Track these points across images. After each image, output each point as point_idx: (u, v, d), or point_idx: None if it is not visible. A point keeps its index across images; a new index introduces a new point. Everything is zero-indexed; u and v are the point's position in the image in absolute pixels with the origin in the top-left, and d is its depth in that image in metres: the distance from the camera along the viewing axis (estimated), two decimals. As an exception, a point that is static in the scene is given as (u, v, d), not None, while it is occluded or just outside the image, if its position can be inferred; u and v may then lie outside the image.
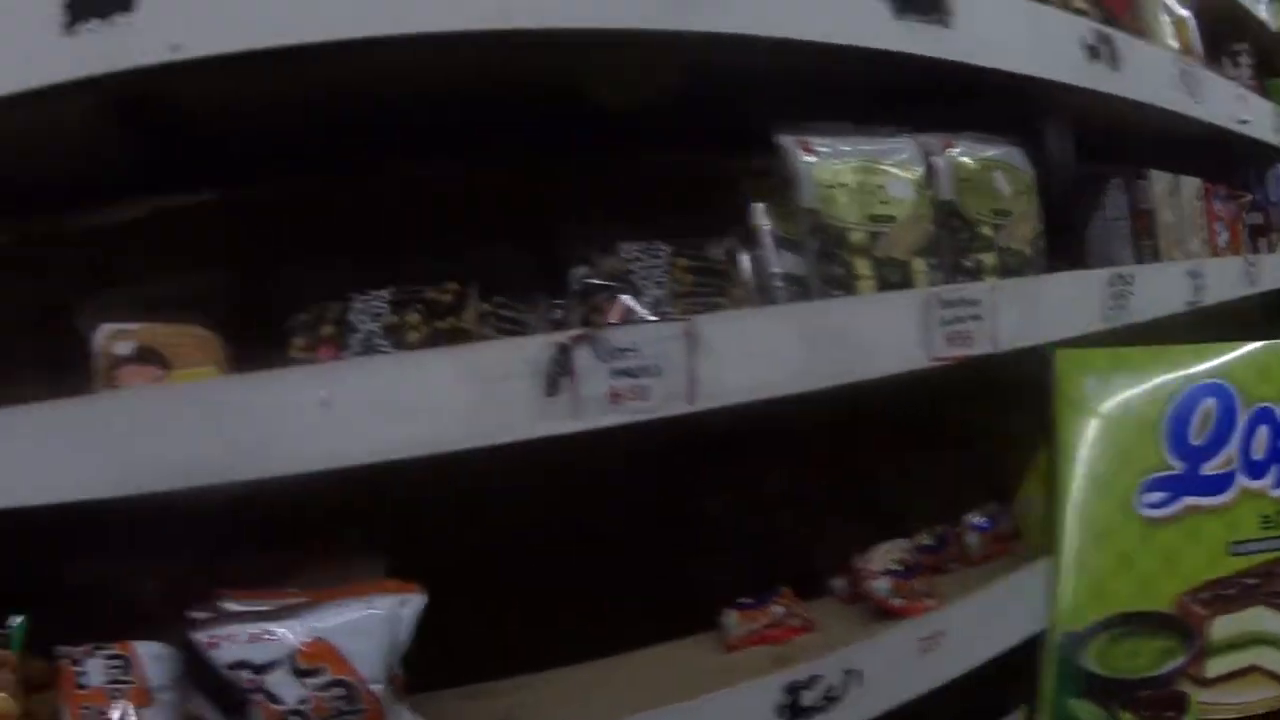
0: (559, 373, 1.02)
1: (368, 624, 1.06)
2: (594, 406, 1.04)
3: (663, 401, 1.08)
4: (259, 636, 1.04)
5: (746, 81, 1.27)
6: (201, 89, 1.11)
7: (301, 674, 1.04)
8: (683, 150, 1.48)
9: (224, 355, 1.11)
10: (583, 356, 1.03)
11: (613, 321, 1.17)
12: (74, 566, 1.29)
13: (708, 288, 1.28)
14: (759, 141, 1.37)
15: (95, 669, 1.14)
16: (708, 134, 1.48)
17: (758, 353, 1.17)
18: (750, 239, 1.38)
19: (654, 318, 1.19)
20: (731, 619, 1.42)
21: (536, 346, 1.03)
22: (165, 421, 0.96)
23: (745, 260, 1.36)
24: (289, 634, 1.05)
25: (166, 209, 1.43)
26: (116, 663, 1.15)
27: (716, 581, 1.48)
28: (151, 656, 1.15)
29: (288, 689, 1.04)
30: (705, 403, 1.11)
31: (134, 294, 1.17)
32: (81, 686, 1.14)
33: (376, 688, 1.06)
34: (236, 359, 1.11)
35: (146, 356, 1.08)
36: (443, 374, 1.00)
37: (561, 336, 1.04)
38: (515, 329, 1.20)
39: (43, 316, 1.30)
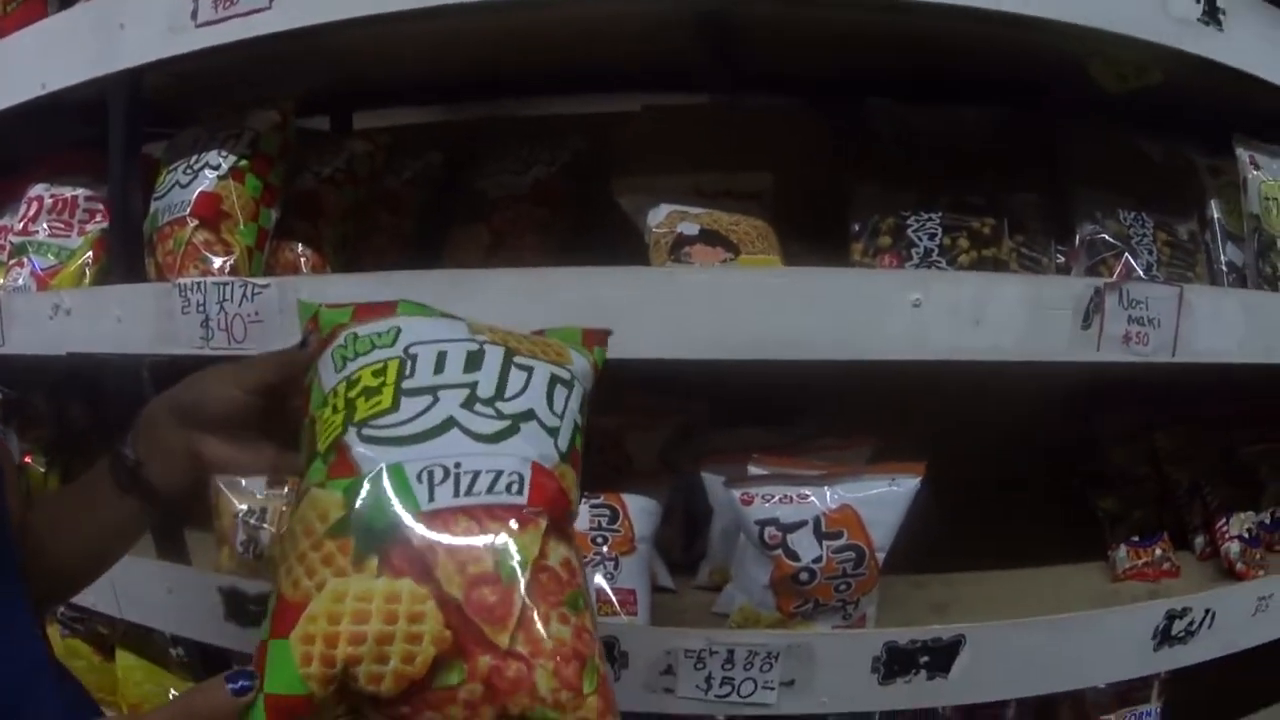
0: (1093, 310, 1.11)
1: (890, 498, 1.15)
2: (1111, 344, 1.13)
3: (1155, 349, 1.16)
4: (791, 498, 1.14)
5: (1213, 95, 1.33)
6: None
7: (824, 536, 1.14)
8: (1164, 138, 1.54)
9: (779, 247, 1.18)
10: (1111, 301, 1.12)
11: (1117, 278, 1.25)
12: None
13: (1180, 263, 1.40)
14: (1225, 146, 1.45)
15: (579, 517, 1.25)
16: (1185, 128, 1.57)
17: (1221, 324, 1.25)
18: (1205, 226, 1.49)
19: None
20: (1122, 553, 1.49)
21: (1081, 286, 1.12)
22: (774, 298, 1.05)
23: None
24: (819, 499, 1.14)
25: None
26: (604, 512, 1.27)
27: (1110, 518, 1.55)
28: (640, 509, 1.27)
29: (807, 548, 1.14)
30: (1181, 357, 1.19)
31: (678, 182, 1.24)
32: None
33: (881, 555, 1.15)
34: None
35: (712, 239, 1.16)
36: (1010, 295, 1.09)
37: (1098, 281, 1.13)
38: (1033, 267, 1.30)
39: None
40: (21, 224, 1.64)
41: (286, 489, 1.35)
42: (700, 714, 1.23)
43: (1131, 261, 1.33)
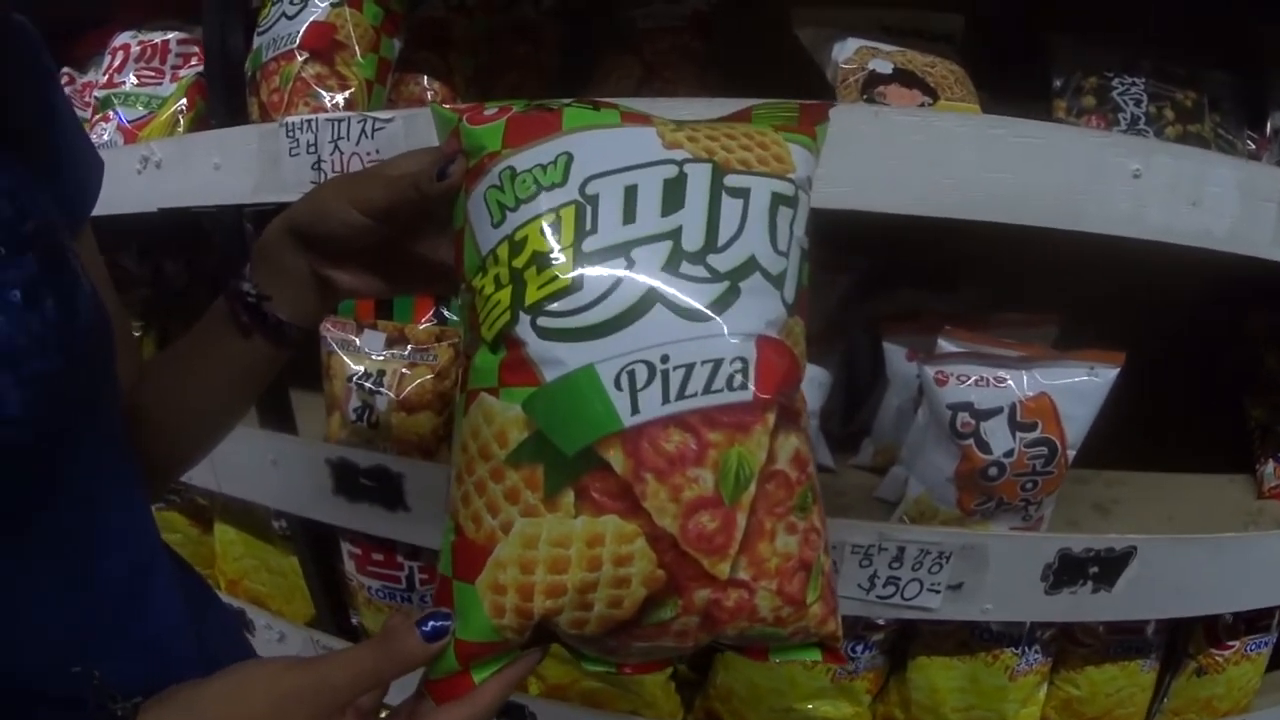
0: (1303, 206, 0.92)
1: (1088, 389, 0.95)
2: (1315, 248, 0.94)
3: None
4: (988, 381, 0.94)
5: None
6: None
7: (1018, 427, 0.94)
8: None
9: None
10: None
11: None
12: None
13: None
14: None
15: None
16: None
17: None
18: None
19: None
20: (1269, 469, 1.30)
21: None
22: (994, 150, 0.85)
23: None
24: (1016, 385, 0.94)
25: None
26: None
27: (1260, 428, 1.36)
28: (809, 379, 1.05)
29: (1000, 439, 0.94)
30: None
31: (865, 17, 1.02)
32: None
33: (1071, 453, 0.96)
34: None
35: (908, 80, 0.94)
36: (1227, 179, 0.89)
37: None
38: (1228, 150, 1.11)
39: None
40: (106, 76, 1.41)
41: (409, 349, 1.15)
42: (854, 614, 1.06)
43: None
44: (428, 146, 0.62)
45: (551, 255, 0.52)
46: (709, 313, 0.51)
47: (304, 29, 1.09)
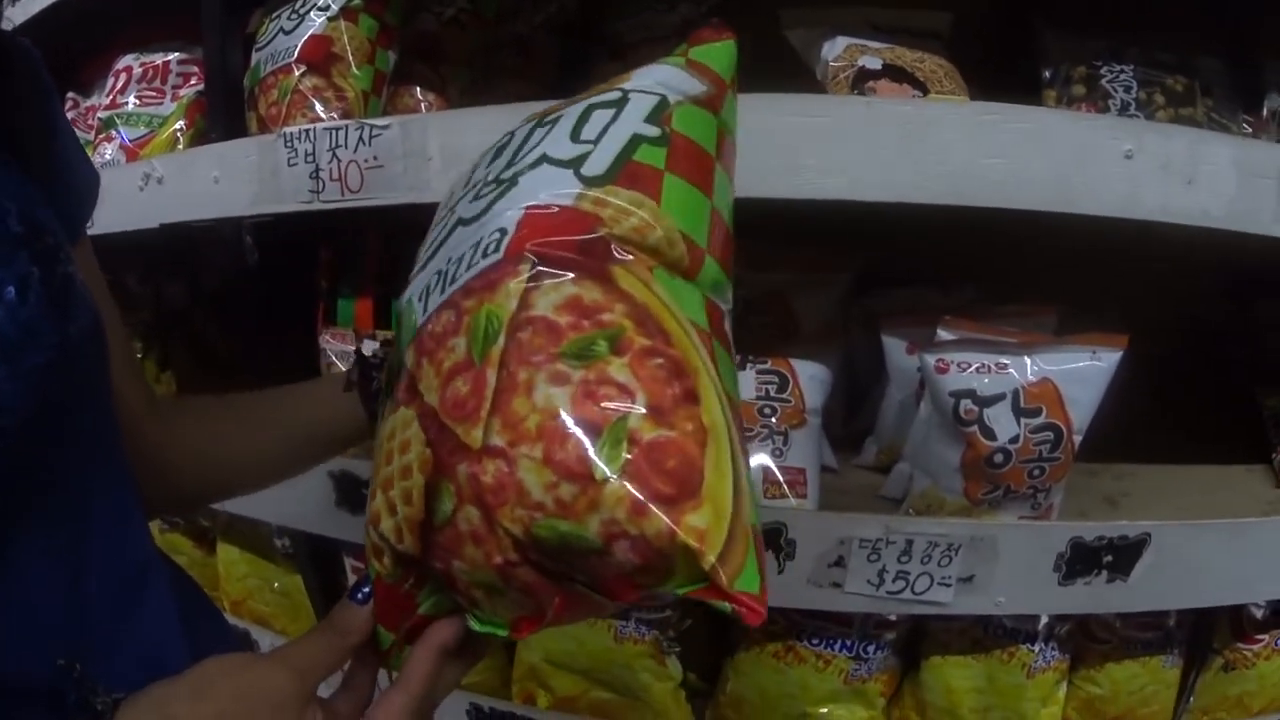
0: (1298, 187, 0.93)
1: (1091, 373, 0.96)
2: (1313, 222, 0.95)
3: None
4: (989, 368, 0.95)
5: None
6: None
7: (1022, 412, 0.95)
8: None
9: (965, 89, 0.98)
10: (1314, 175, 0.93)
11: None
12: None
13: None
14: None
15: (744, 384, 1.08)
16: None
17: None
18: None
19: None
20: None
21: (1287, 157, 0.93)
22: (985, 137, 0.87)
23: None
24: (1018, 371, 0.95)
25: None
26: (772, 379, 1.08)
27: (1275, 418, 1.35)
28: (810, 377, 1.08)
29: (1004, 425, 0.95)
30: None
31: (853, 16, 1.04)
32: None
33: (1077, 438, 0.96)
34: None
35: (898, 75, 0.96)
36: (1221, 156, 0.91)
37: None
38: (1221, 131, 1.10)
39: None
40: (109, 98, 1.45)
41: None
42: (863, 611, 1.07)
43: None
44: None
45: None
46: (485, 210, 0.55)
47: (301, 43, 1.12)
